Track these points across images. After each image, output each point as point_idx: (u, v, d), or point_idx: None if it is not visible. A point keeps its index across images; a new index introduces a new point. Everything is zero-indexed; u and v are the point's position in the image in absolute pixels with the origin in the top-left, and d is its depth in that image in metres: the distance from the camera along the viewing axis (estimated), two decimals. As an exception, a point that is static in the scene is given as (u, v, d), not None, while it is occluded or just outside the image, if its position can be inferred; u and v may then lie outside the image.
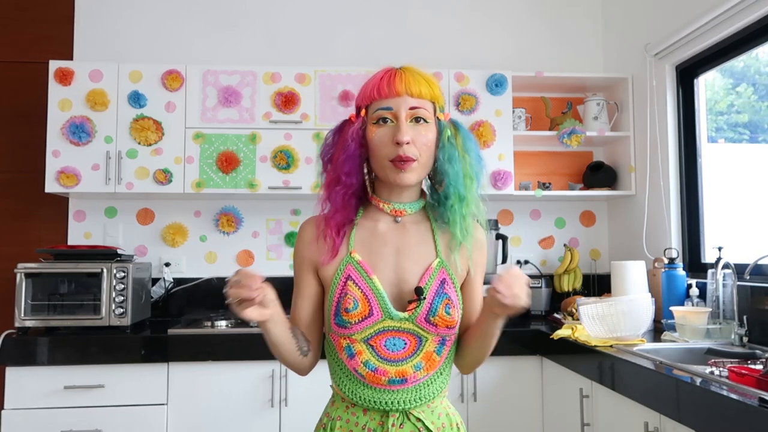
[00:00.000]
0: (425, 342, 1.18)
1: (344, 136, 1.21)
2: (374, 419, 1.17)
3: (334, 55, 3.28)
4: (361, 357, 1.16)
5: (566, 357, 2.36)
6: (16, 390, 2.43)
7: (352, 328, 1.16)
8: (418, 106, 1.17)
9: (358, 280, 1.18)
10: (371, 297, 1.16)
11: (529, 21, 3.41)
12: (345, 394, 1.19)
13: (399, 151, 1.15)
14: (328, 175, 1.22)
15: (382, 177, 1.20)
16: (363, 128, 1.20)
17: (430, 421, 1.18)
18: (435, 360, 1.18)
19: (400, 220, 1.24)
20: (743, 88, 2.74)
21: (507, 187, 2.97)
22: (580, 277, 3.21)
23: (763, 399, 1.37)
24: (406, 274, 1.20)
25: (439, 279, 1.19)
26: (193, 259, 3.15)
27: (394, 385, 1.16)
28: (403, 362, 1.16)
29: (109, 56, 3.16)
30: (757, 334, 2.13)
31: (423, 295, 1.16)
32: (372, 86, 1.19)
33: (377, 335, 1.17)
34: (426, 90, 1.18)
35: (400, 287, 1.19)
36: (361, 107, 1.22)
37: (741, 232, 2.61)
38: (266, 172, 2.88)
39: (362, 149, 1.20)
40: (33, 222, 3.09)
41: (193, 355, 2.49)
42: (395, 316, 1.16)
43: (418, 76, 1.19)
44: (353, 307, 1.15)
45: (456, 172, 1.20)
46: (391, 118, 1.17)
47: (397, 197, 1.23)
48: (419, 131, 1.17)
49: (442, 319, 1.17)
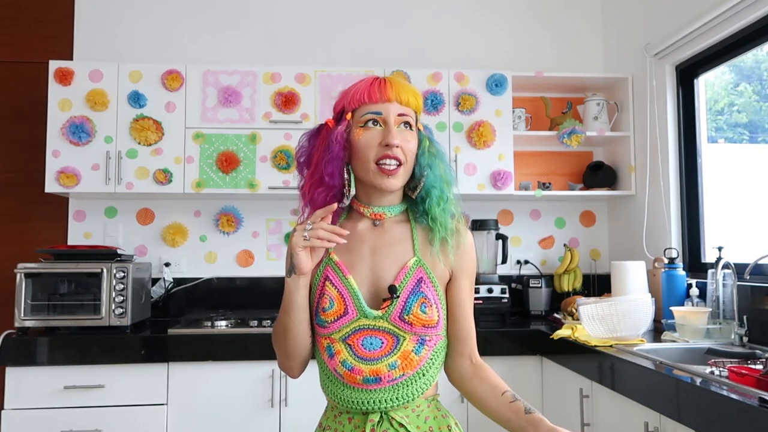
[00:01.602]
0: (402, 341, 1.18)
1: (325, 139, 1.23)
2: (358, 426, 1.18)
3: (334, 55, 3.28)
4: (340, 356, 1.18)
5: (566, 357, 2.36)
6: (16, 390, 2.43)
7: (329, 327, 1.18)
8: (405, 113, 1.22)
9: (335, 280, 1.20)
10: (347, 296, 1.18)
11: (529, 21, 3.41)
12: (329, 396, 1.22)
13: (387, 151, 1.18)
14: (307, 178, 1.23)
15: (366, 180, 1.21)
16: (347, 131, 1.22)
17: (415, 425, 1.18)
18: (413, 360, 1.18)
19: (378, 224, 1.26)
20: (744, 88, 2.74)
21: (507, 187, 2.97)
22: (580, 277, 3.21)
23: (763, 399, 1.37)
24: (382, 273, 1.21)
25: (416, 277, 1.20)
26: (193, 259, 3.16)
27: (368, 384, 1.16)
28: (378, 361, 1.17)
29: (109, 56, 3.16)
30: (757, 334, 2.13)
31: (397, 294, 1.17)
32: (362, 91, 1.22)
33: (354, 334, 1.18)
34: (413, 100, 1.23)
35: (376, 286, 1.21)
36: (347, 111, 1.23)
37: (741, 232, 2.61)
38: (266, 172, 2.88)
39: (345, 152, 1.21)
40: (33, 222, 3.09)
41: (193, 355, 2.49)
42: (369, 314, 1.17)
43: (405, 86, 1.24)
44: (329, 306, 1.18)
45: (436, 176, 1.25)
46: (380, 122, 1.20)
47: (377, 201, 1.25)
48: (406, 137, 1.21)
49: (417, 317, 1.17)
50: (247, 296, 3.14)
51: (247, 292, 3.15)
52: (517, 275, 3.28)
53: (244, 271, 3.18)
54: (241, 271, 3.18)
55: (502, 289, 2.87)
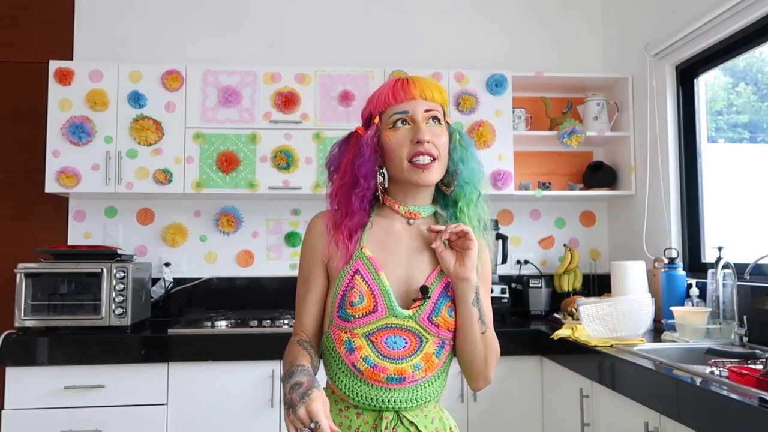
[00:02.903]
0: (426, 343, 1.18)
1: (355, 145, 1.23)
2: (367, 422, 1.17)
3: (334, 55, 3.28)
4: (361, 352, 1.17)
5: (566, 357, 2.36)
6: (16, 390, 2.43)
7: (355, 322, 1.17)
8: (432, 108, 1.22)
9: (366, 275, 1.19)
10: (377, 293, 1.18)
11: (529, 21, 3.41)
12: (341, 391, 1.19)
13: (419, 148, 1.18)
14: (340, 179, 1.23)
15: (401, 179, 1.22)
16: (377, 135, 1.22)
17: (423, 425, 1.19)
18: (434, 362, 1.19)
19: (413, 222, 1.26)
20: (743, 88, 2.74)
21: (507, 187, 2.97)
22: (580, 277, 3.21)
23: (763, 399, 1.37)
24: (415, 273, 1.21)
25: (445, 281, 1.21)
26: (193, 259, 3.16)
27: (392, 383, 1.16)
28: (403, 361, 1.17)
29: (109, 56, 3.16)
30: (757, 334, 2.13)
31: (428, 294, 1.18)
32: (386, 93, 1.22)
33: (379, 331, 1.17)
34: (438, 95, 1.23)
35: (407, 285, 1.21)
36: (374, 115, 1.24)
37: (741, 232, 2.61)
38: (266, 172, 2.88)
39: (376, 155, 1.22)
40: (33, 222, 3.09)
41: (193, 355, 2.49)
42: (399, 313, 1.17)
43: (428, 81, 1.24)
44: (358, 301, 1.17)
45: (470, 170, 1.25)
46: (408, 120, 1.20)
47: (412, 200, 1.25)
48: (436, 131, 1.21)
49: (445, 320, 1.18)
50: (247, 296, 3.14)
51: (247, 292, 3.15)
52: (517, 275, 3.28)
53: (244, 271, 3.18)
54: (241, 271, 3.18)
55: (502, 289, 2.87)
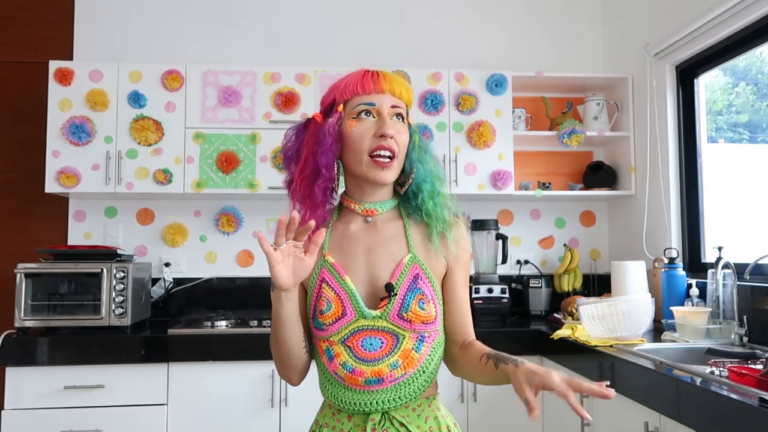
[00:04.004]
0: (402, 340, 1.16)
1: (314, 133, 1.20)
2: (358, 425, 1.17)
3: (334, 55, 3.28)
4: (340, 359, 1.16)
5: (566, 357, 2.36)
6: (16, 390, 2.43)
7: (327, 330, 1.16)
8: (398, 105, 1.20)
9: (332, 281, 1.18)
10: (344, 297, 1.17)
11: (529, 21, 3.41)
12: (329, 399, 1.20)
13: (381, 142, 1.16)
14: (300, 172, 1.20)
15: (359, 173, 1.19)
16: (339, 124, 1.20)
17: (416, 425, 1.17)
18: (413, 358, 1.16)
19: (371, 220, 1.24)
20: (742, 88, 2.74)
21: (507, 187, 2.97)
22: (580, 277, 3.21)
23: (763, 399, 1.37)
24: (377, 272, 1.20)
25: (412, 274, 1.19)
26: (193, 259, 3.16)
27: (371, 385, 1.15)
28: (380, 362, 1.15)
29: (109, 56, 3.16)
30: (757, 334, 2.13)
31: (394, 292, 1.16)
32: (354, 82, 1.20)
33: (353, 335, 1.16)
34: (405, 93, 1.22)
35: (373, 285, 1.19)
36: (338, 103, 1.21)
37: (741, 232, 2.61)
38: (266, 172, 2.88)
39: (337, 145, 1.19)
40: (33, 222, 3.09)
41: (193, 355, 2.49)
42: (368, 314, 1.16)
43: (397, 79, 1.22)
44: (327, 309, 1.16)
45: (427, 170, 1.24)
46: (373, 113, 1.18)
47: (369, 197, 1.23)
48: (399, 129, 1.19)
49: (416, 314, 1.16)
50: (247, 296, 3.14)
51: (247, 292, 3.15)
52: (517, 275, 3.28)
53: (244, 271, 3.18)
54: (241, 271, 3.18)
55: (502, 289, 2.86)
